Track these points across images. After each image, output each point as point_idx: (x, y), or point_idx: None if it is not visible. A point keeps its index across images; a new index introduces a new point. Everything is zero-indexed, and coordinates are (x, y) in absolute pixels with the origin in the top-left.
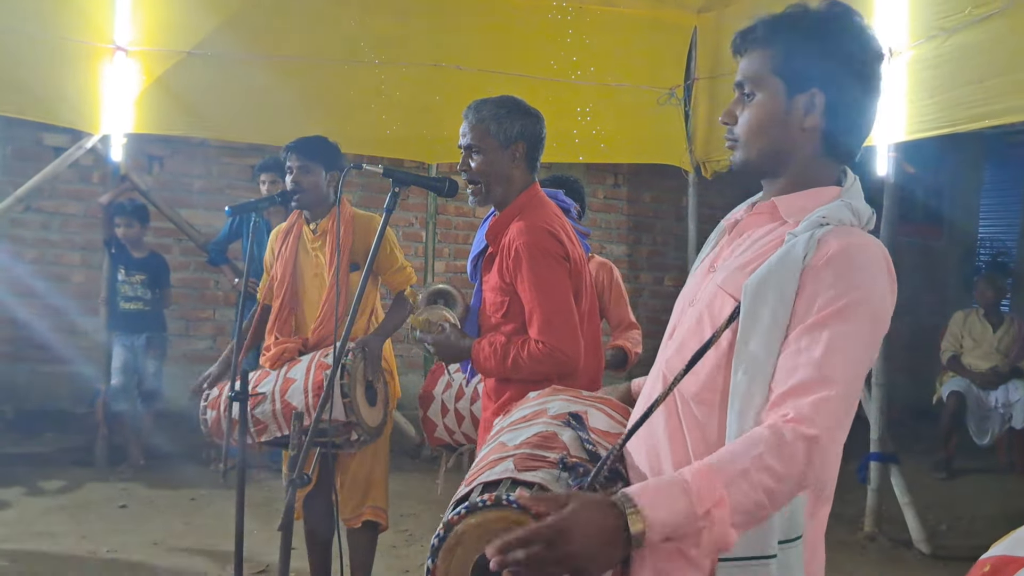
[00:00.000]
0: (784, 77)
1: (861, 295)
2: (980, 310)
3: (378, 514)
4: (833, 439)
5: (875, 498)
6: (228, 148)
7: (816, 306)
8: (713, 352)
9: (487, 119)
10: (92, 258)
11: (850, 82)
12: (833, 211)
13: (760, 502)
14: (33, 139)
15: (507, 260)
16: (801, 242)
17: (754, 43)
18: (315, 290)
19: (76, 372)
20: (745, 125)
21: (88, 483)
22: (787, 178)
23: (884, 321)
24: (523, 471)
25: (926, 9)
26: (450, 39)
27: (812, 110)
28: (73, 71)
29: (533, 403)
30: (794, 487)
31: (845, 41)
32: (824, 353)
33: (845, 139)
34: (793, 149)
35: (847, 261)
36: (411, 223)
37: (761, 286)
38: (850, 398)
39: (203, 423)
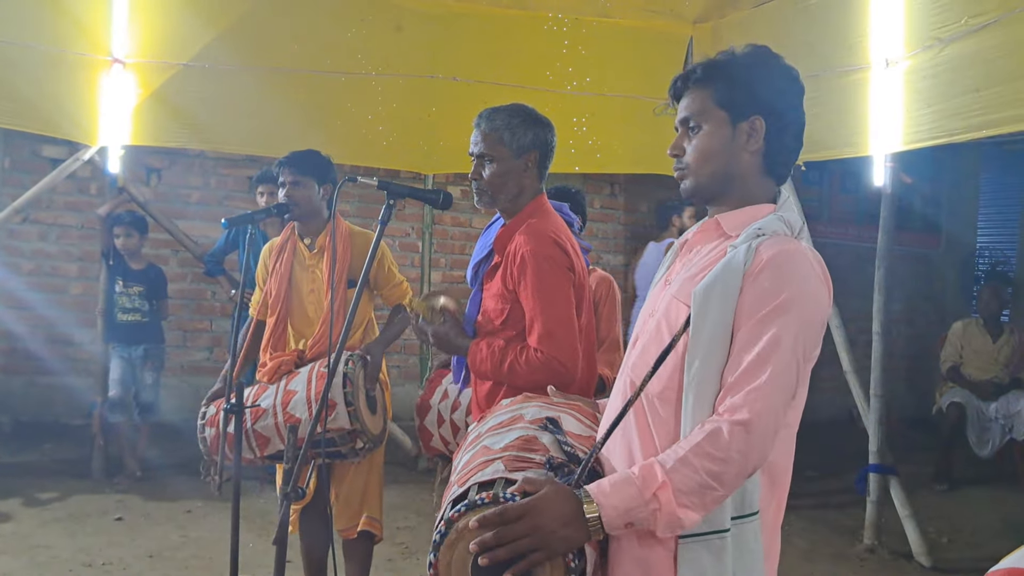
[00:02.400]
0: (727, 108)
1: (791, 294)
2: (980, 320)
3: (373, 525)
4: (765, 420)
5: (874, 510)
6: (225, 160)
7: (755, 306)
8: (672, 354)
9: (500, 128)
10: (89, 269)
11: (784, 109)
12: (768, 224)
13: (705, 483)
14: (31, 150)
15: (512, 267)
16: (741, 251)
17: (696, 82)
18: (311, 306)
19: (73, 384)
20: (695, 153)
21: (84, 495)
22: (730, 199)
23: (817, 313)
24: (514, 471)
25: (922, 19)
26: (446, 51)
27: (754, 134)
28: (71, 83)
29: (507, 409)
30: (740, 467)
31: (776, 74)
32: (758, 351)
33: (782, 159)
34: (737, 172)
35: (779, 266)
36: (407, 233)
37: (707, 291)
38: (780, 383)
39: (202, 441)
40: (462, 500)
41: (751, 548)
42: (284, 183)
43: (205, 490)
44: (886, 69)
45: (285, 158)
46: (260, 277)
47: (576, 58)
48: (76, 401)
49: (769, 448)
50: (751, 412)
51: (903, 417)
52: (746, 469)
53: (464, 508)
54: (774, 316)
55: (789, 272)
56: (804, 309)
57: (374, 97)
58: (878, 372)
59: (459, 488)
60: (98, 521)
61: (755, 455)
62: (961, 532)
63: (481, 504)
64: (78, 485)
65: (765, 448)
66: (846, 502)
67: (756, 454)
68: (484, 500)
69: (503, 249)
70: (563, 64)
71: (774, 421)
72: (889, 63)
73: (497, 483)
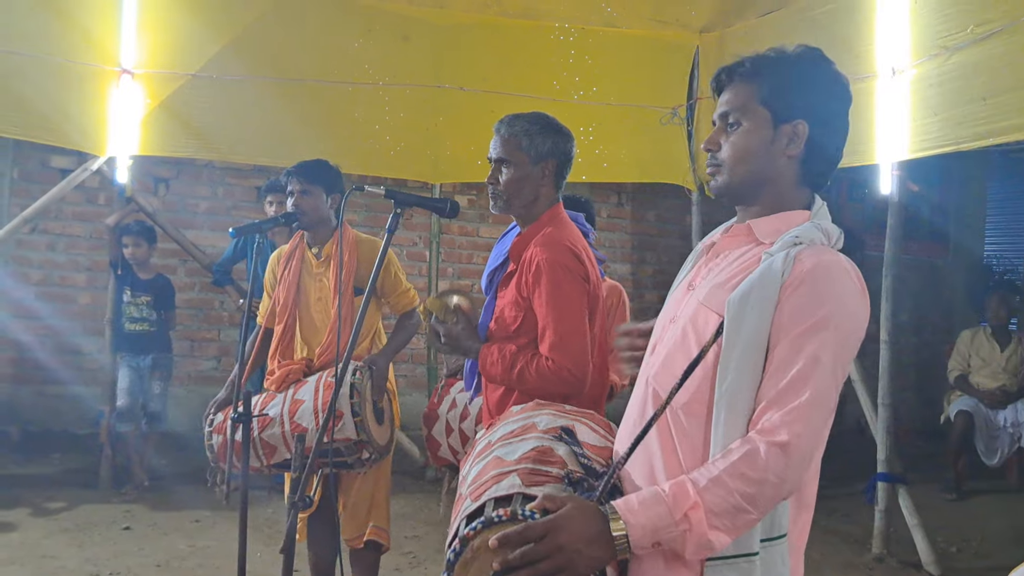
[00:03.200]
0: (771, 107)
1: (831, 309)
2: (988, 329)
3: (380, 534)
4: (804, 442)
5: (883, 519)
6: (233, 169)
7: (794, 320)
8: (700, 365)
9: (519, 134)
10: (98, 279)
11: (830, 116)
12: (805, 232)
13: (739, 505)
14: (40, 161)
15: (527, 275)
16: (778, 260)
17: (741, 76)
18: (319, 314)
19: (81, 393)
20: (731, 151)
21: (92, 505)
22: (763, 203)
23: (856, 330)
24: (531, 486)
25: (928, 28)
26: (453, 60)
27: (796, 139)
28: (79, 94)
29: (518, 417)
30: (776, 490)
31: (825, 78)
32: (798, 369)
33: (821, 167)
34: (773, 175)
35: (820, 278)
36: (415, 243)
37: (743, 301)
38: (821, 404)
39: (209, 448)
40: (478, 516)
41: (779, 571)
42: (292, 192)
43: (213, 499)
44: (892, 78)
45: (293, 167)
46: (268, 285)
47: (583, 67)
48: (84, 411)
49: (806, 471)
50: (790, 434)
51: (911, 426)
52: (781, 493)
53: (480, 525)
54: (814, 332)
55: (828, 286)
56: (844, 325)
57: (381, 107)
58: (886, 381)
59: (473, 503)
60: (106, 531)
61: (792, 478)
62: (970, 541)
63: (499, 521)
64: (86, 495)
65: (802, 471)
66: (854, 511)
67: (793, 477)
68: (502, 517)
69: (519, 257)
70: (570, 73)
71: (813, 443)
72: (895, 72)
73: (515, 499)
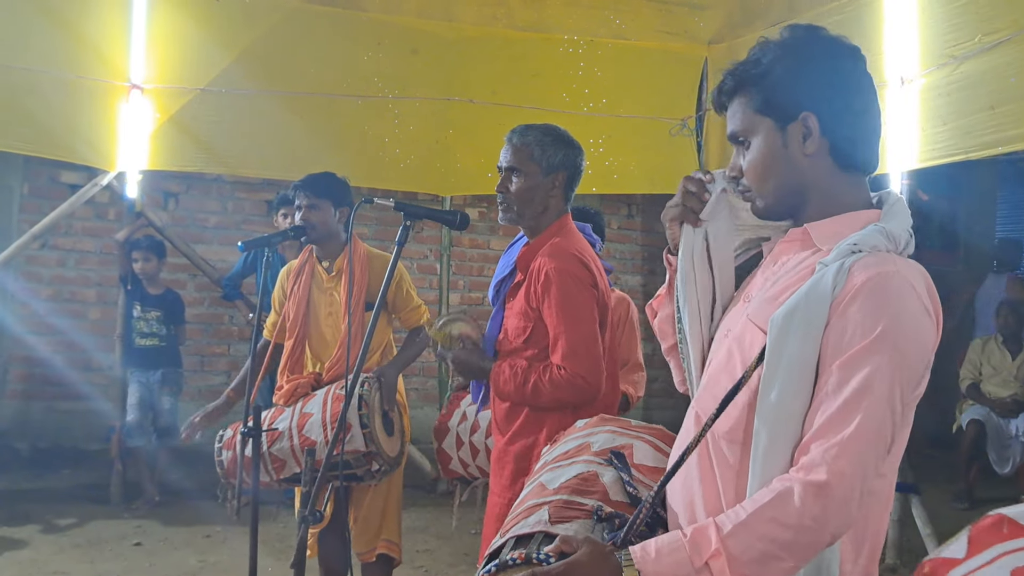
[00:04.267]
0: (769, 113)
1: (887, 328)
2: (999, 337)
3: (392, 548)
4: (847, 482)
5: (896, 529)
6: (243, 184)
7: (843, 342)
8: (744, 389)
9: (531, 144)
10: (108, 295)
11: (836, 92)
12: (866, 237)
13: (771, 553)
14: (49, 176)
15: (535, 285)
16: (830, 273)
17: (730, 94)
18: (329, 329)
19: (91, 409)
20: (751, 171)
21: (103, 520)
22: (815, 207)
23: (919, 353)
24: (557, 522)
25: (936, 37)
26: (462, 73)
27: (809, 133)
28: (89, 109)
29: (580, 433)
30: (816, 536)
31: (816, 56)
32: (845, 397)
33: (855, 149)
34: (808, 179)
35: (874, 294)
36: (425, 255)
37: (787, 319)
38: (871, 438)
39: (219, 464)
40: (495, 557)
41: None
42: (300, 206)
43: (223, 515)
44: (901, 87)
45: (300, 181)
46: (276, 300)
47: (592, 80)
48: (94, 426)
49: (853, 513)
50: (830, 472)
51: (924, 435)
52: (822, 538)
53: (494, 568)
54: (866, 355)
55: (884, 302)
56: (902, 347)
57: (391, 120)
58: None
59: (499, 539)
60: (116, 546)
61: (834, 522)
62: None
63: (512, 565)
64: (96, 510)
65: (847, 514)
66: None
67: (836, 521)
68: (516, 560)
69: (526, 267)
70: (579, 86)
71: (859, 482)
72: (904, 81)
73: (534, 539)
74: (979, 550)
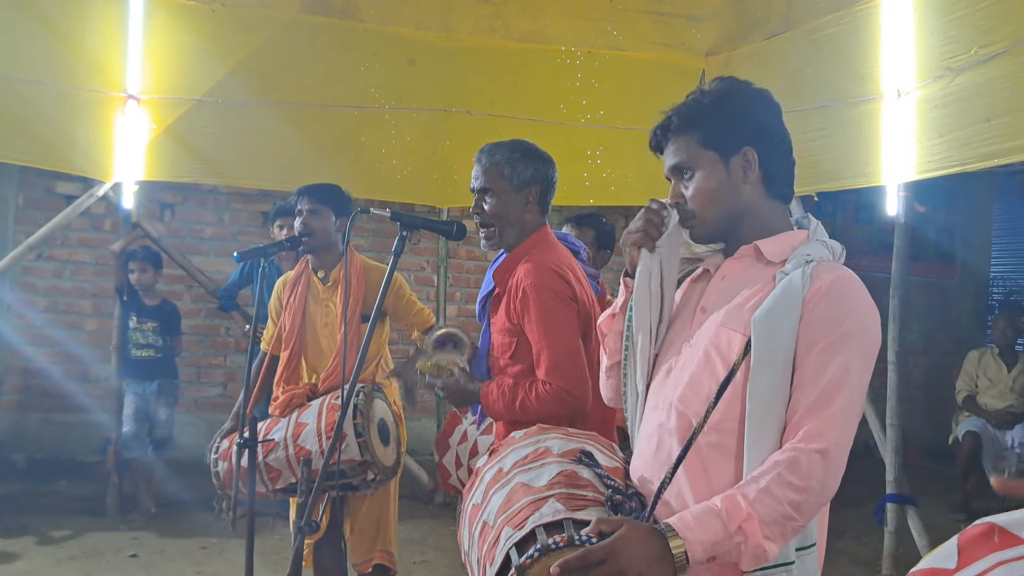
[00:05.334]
0: (715, 148)
1: (854, 322)
2: (995, 349)
3: (388, 558)
4: (841, 449)
5: (893, 540)
6: (239, 195)
7: (819, 333)
8: (731, 384)
9: (501, 162)
10: (104, 306)
11: (769, 132)
12: (814, 250)
13: (787, 514)
14: (45, 187)
15: (514, 301)
16: (796, 277)
17: (676, 131)
18: (325, 340)
19: (87, 420)
20: (697, 198)
21: (99, 532)
22: (751, 230)
23: (876, 342)
24: (575, 511)
25: (933, 49)
26: (459, 84)
27: (750, 165)
28: (85, 119)
29: (526, 443)
30: (818, 496)
31: (751, 100)
32: (829, 378)
33: (782, 181)
34: (745, 206)
35: (839, 292)
36: (423, 267)
37: (770, 318)
38: (852, 411)
39: (215, 476)
40: (531, 544)
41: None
42: (302, 211)
43: (220, 526)
44: (898, 99)
45: (305, 187)
46: (273, 311)
47: (589, 91)
48: (90, 438)
49: (840, 476)
50: (828, 441)
51: (920, 447)
52: (823, 498)
53: (537, 553)
54: (841, 343)
55: (848, 299)
56: (866, 337)
57: (387, 131)
58: (894, 402)
59: (516, 530)
60: (113, 558)
61: (832, 484)
62: None
63: (556, 548)
64: (92, 522)
65: (839, 476)
66: (864, 533)
67: (832, 483)
68: (559, 544)
69: (504, 281)
70: (576, 97)
71: (847, 449)
72: (901, 93)
73: (566, 524)
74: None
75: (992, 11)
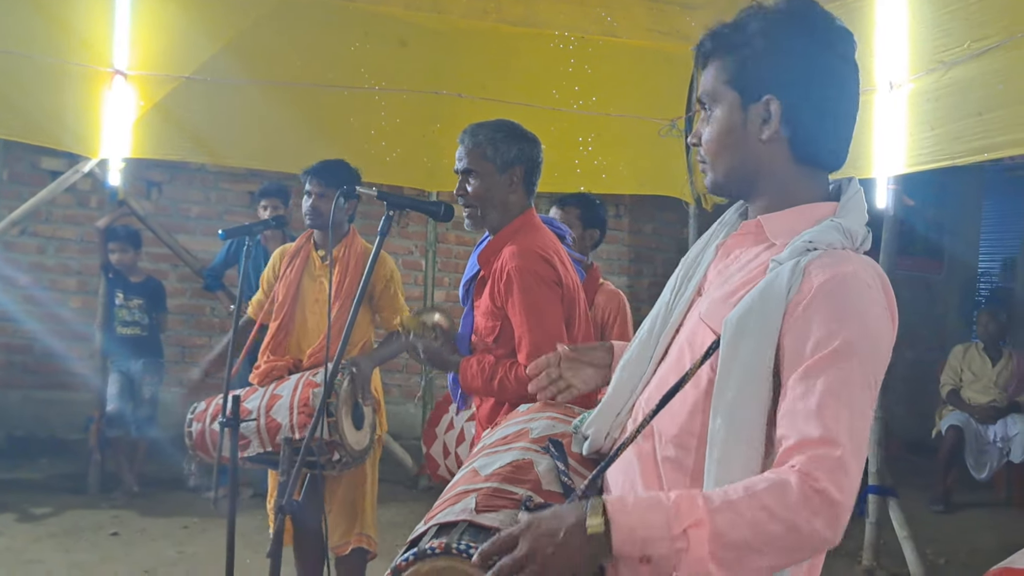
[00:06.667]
0: (738, 88)
1: (852, 333)
2: (980, 344)
3: (366, 541)
4: (844, 493)
5: (874, 531)
6: (227, 174)
7: (807, 349)
8: (692, 391)
9: (484, 143)
10: (88, 283)
11: (807, 81)
12: (821, 234)
13: (749, 542)
14: (30, 162)
15: (498, 284)
16: (785, 273)
17: (709, 55)
18: (314, 316)
19: (70, 398)
20: (708, 143)
21: (80, 510)
22: (765, 196)
23: (882, 353)
24: (483, 511)
25: (926, 43)
26: (451, 67)
27: (768, 119)
28: (71, 95)
29: (521, 418)
30: (800, 539)
31: (798, 36)
32: (822, 404)
33: (817, 145)
34: (759, 165)
35: (834, 296)
36: (411, 251)
37: (740, 324)
38: (859, 451)
39: (187, 435)
40: (415, 545)
41: None
42: (311, 193)
43: (202, 506)
44: (890, 92)
45: (313, 168)
46: (266, 280)
47: (582, 77)
48: (73, 416)
49: (841, 526)
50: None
51: (903, 439)
52: (809, 544)
53: (413, 557)
54: (834, 363)
55: (844, 304)
56: (867, 353)
57: (377, 112)
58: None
59: (422, 526)
60: (93, 536)
61: (827, 531)
62: (958, 554)
63: (431, 554)
64: (74, 500)
65: (840, 526)
66: None
67: (828, 530)
68: (435, 550)
69: (489, 264)
70: (569, 83)
71: (852, 493)
72: (893, 86)
73: (457, 528)
74: None
75: (986, 5)
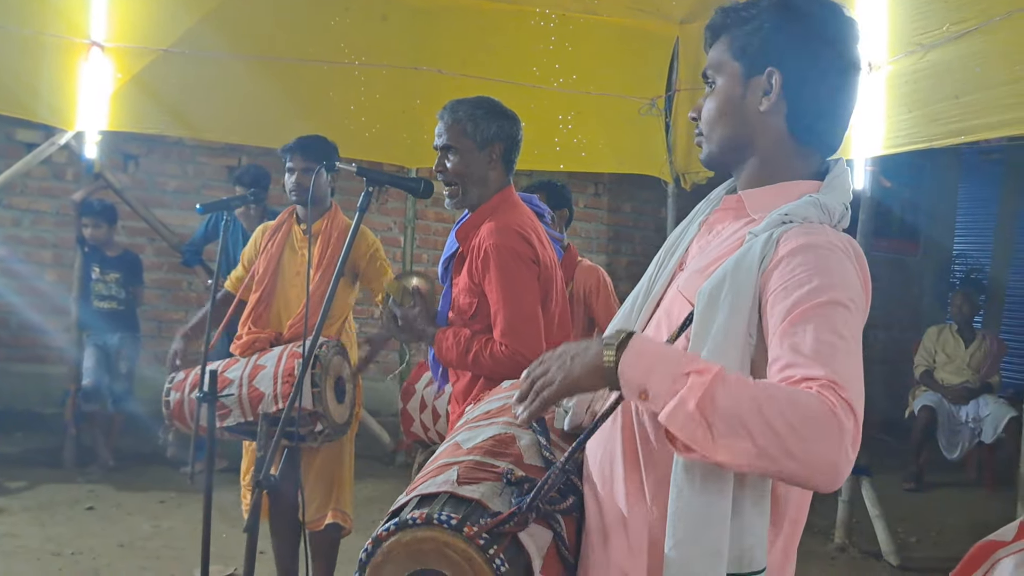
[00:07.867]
0: (741, 59)
1: (827, 280)
2: (954, 326)
3: (340, 516)
4: (853, 415)
5: (846, 510)
6: (204, 148)
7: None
8: None
9: (463, 119)
10: (64, 256)
11: (812, 57)
12: (798, 208)
13: (749, 424)
14: (4, 134)
15: (476, 260)
16: (759, 243)
17: (717, 30)
18: (295, 289)
19: (45, 372)
20: (706, 114)
21: (55, 484)
22: (753, 171)
23: (861, 309)
24: (464, 483)
25: (905, 25)
26: (431, 42)
27: (768, 91)
28: (47, 66)
29: (504, 394)
30: (793, 449)
31: (808, 16)
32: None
33: (814, 122)
34: (754, 137)
35: (809, 253)
36: (390, 228)
37: (714, 294)
38: (860, 399)
39: (165, 404)
40: (396, 515)
41: None
42: (293, 169)
43: (178, 481)
44: (869, 73)
45: (293, 143)
46: (247, 256)
47: (563, 55)
48: (49, 390)
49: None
50: (845, 394)
51: (877, 419)
52: (800, 460)
53: (394, 527)
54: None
55: (823, 259)
56: (848, 295)
57: (357, 87)
58: None
59: (404, 497)
60: (68, 511)
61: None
62: (929, 532)
63: (412, 525)
64: (49, 474)
65: (844, 460)
66: (818, 501)
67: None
68: (416, 520)
69: (467, 240)
70: (549, 60)
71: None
72: (872, 67)
73: (438, 499)
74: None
75: None
